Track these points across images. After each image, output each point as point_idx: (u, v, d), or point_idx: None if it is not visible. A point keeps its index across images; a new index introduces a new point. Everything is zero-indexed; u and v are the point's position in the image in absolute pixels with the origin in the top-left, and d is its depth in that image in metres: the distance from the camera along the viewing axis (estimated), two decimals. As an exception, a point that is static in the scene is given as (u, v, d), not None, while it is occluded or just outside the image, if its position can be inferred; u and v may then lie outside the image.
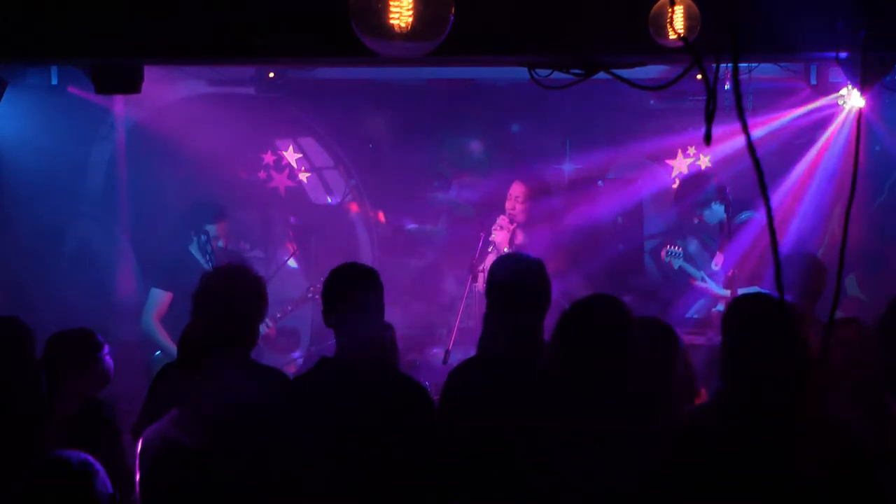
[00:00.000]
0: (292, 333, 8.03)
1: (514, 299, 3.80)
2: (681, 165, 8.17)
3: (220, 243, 6.75)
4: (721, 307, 6.42)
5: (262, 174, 8.14)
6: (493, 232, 6.65)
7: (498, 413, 3.56)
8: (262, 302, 4.03)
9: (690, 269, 6.75)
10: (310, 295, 7.18)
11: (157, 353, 6.64)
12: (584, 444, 3.12)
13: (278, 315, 6.92)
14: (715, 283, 6.71)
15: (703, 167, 8.15)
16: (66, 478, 2.99)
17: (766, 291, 6.33)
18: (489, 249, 6.52)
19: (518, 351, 3.74)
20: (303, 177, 8.20)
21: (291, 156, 8.18)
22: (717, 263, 6.78)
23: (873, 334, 3.96)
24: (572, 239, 6.87)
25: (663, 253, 6.83)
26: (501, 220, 6.67)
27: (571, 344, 3.25)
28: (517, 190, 6.72)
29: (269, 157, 8.15)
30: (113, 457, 3.96)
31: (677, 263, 6.74)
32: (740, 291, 6.21)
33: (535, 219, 6.70)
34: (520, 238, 6.68)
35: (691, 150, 8.13)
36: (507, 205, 6.71)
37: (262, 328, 6.67)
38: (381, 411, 3.62)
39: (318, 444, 3.57)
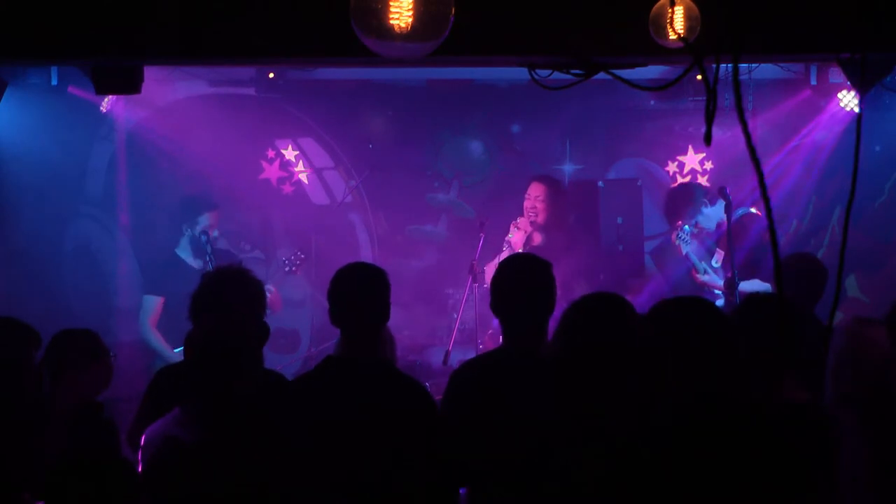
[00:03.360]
0: (292, 334, 8.03)
1: (519, 300, 3.79)
2: (692, 163, 8.16)
3: (216, 233, 6.72)
4: (720, 303, 6.41)
5: (262, 175, 8.13)
6: (511, 231, 6.62)
7: (501, 412, 3.56)
8: (260, 302, 4.04)
9: (694, 259, 6.70)
10: (286, 269, 7.08)
11: None
12: (587, 442, 3.11)
13: (270, 287, 6.79)
14: (717, 277, 6.68)
15: (701, 167, 8.15)
16: None
17: (768, 286, 6.35)
18: (504, 248, 6.47)
19: (522, 351, 3.74)
20: (303, 177, 8.20)
21: (291, 156, 8.18)
22: (718, 260, 6.76)
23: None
24: (573, 240, 6.86)
25: (674, 236, 6.78)
26: (521, 221, 6.62)
27: (574, 342, 3.24)
28: (537, 190, 6.67)
29: (268, 158, 8.15)
30: (112, 459, 3.96)
31: (685, 248, 6.68)
32: (742, 285, 6.18)
33: (555, 219, 6.66)
34: (537, 240, 6.64)
35: (708, 165, 8.12)
36: (527, 204, 6.66)
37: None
38: (385, 411, 3.62)
39: (321, 443, 3.58)
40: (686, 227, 6.70)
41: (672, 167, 8.22)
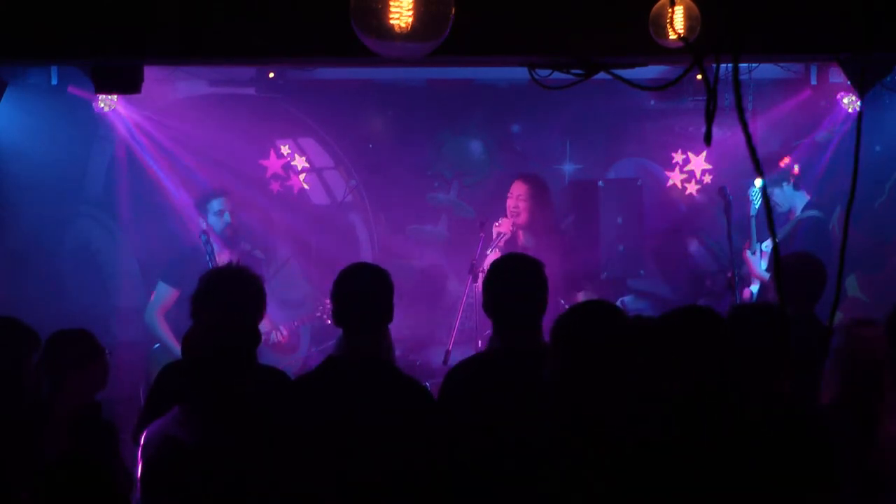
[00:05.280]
0: (292, 334, 8.02)
1: (511, 300, 3.79)
2: (697, 166, 8.15)
3: (227, 217, 6.75)
4: (755, 288, 6.34)
5: (261, 174, 8.13)
6: (494, 232, 6.58)
7: (495, 411, 3.57)
8: (260, 301, 4.03)
9: (754, 229, 6.44)
10: (318, 314, 7.14)
11: (157, 345, 6.65)
12: (584, 441, 3.12)
13: (282, 330, 6.88)
14: (761, 261, 6.50)
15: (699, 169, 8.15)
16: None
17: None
18: (488, 252, 6.44)
19: (515, 351, 3.74)
20: (302, 177, 8.19)
21: (291, 156, 8.17)
22: (768, 244, 6.53)
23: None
24: (573, 241, 6.85)
25: (751, 192, 6.41)
26: (503, 222, 6.55)
27: (568, 347, 3.25)
28: (519, 188, 6.59)
29: (268, 158, 8.14)
30: (111, 459, 3.97)
31: (756, 204, 6.34)
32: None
33: (538, 219, 6.61)
34: (522, 239, 6.61)
35: (707, 179, 8.07)
36: (509, 203, 6.56)
37: (275, 336, 6.77)
38: (386, 410, 3.62)
39: (321, 442, 3.58)
40: (762, 181, 6.25)
41: (678, 157, 8.16)
